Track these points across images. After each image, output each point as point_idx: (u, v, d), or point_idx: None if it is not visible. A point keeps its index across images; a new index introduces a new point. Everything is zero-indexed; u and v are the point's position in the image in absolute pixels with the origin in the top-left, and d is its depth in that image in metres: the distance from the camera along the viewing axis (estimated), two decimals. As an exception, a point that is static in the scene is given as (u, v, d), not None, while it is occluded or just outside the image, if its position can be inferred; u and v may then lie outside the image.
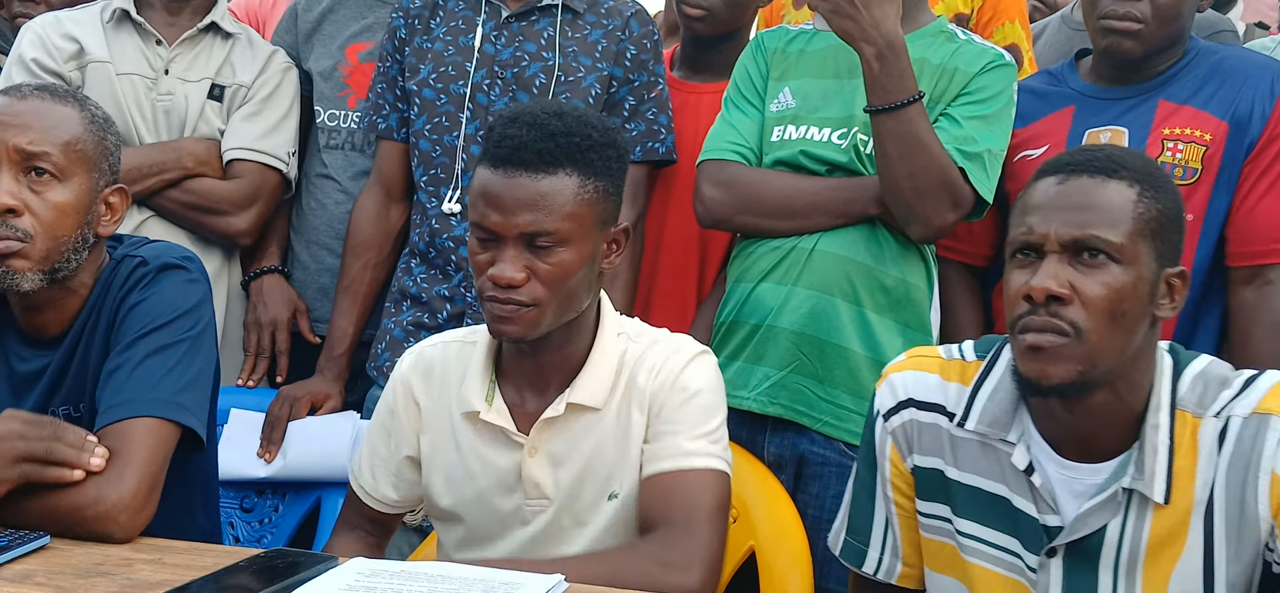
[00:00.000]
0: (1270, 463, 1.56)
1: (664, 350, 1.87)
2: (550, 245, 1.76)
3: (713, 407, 1.86)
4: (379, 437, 2.00)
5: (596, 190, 1.80)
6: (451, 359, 1.95)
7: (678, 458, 1.81)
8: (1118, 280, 1.58)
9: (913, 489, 1.83)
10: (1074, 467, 1.68)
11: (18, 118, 1.83)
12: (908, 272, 2.34)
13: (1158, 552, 1.63)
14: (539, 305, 1.78)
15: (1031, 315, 1.59)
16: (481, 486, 1.90)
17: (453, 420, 1.92)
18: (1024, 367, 1.61)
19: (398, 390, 1.97)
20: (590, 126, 1.81)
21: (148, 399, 1.80)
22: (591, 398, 1.84)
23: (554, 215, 1.76)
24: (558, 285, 1.78)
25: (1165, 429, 1.61)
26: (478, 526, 1.92)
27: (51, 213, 1.83)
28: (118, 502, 1.71)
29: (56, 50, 2.64)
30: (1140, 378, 1.64)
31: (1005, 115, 2.32)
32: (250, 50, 2.77)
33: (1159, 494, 1.60)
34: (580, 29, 2.57)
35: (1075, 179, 1.62)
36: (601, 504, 1.86)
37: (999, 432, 1.72)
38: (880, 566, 1.88)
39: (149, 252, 1.95)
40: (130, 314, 1.87)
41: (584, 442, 1.86)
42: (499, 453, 1.88)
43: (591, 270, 1.82)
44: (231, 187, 2.69)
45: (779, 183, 2.36)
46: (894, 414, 1.82)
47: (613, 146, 1.83)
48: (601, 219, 1.82)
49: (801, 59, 2.44)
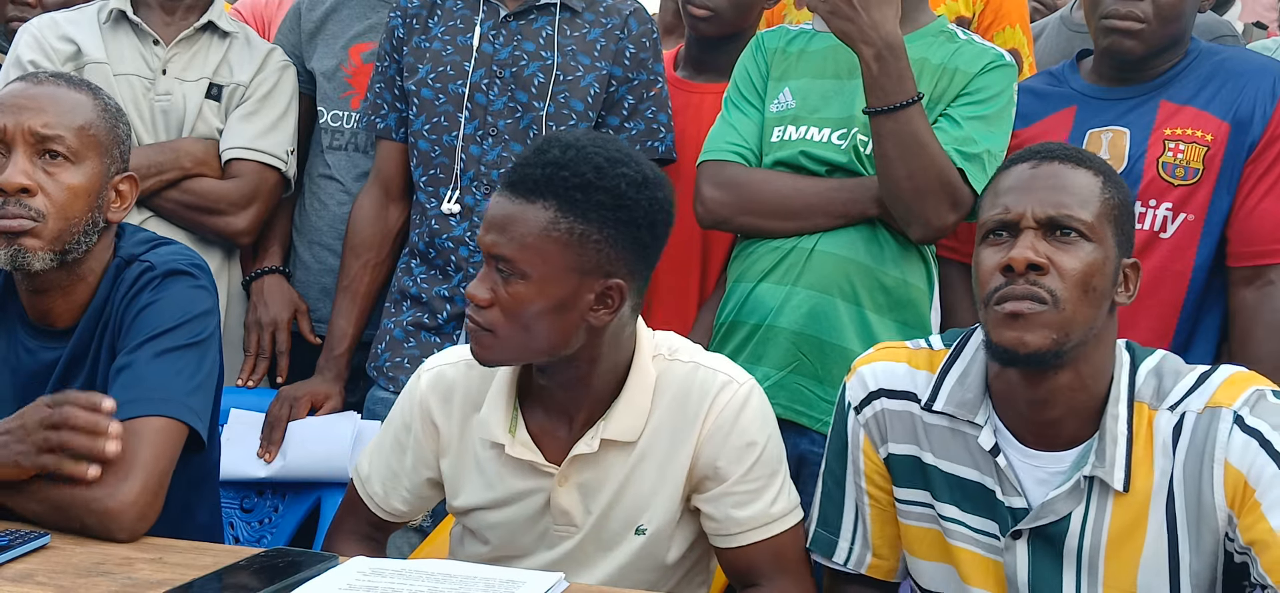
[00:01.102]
0: (1223, 454, 1.62)
1: (709, 385, 1.81)
2: (508, 274, 1.70)
3: (778, 454, 1.86)
4: (392, 452, 1.96)
5: (573, 233, 1.69)
6: (474, 383, 1.88)
7: (768, 526, 1.83)
8: (1090, 256, 1.67)
9: (888, 480, 1.87)
10: (1036, 455, 1.73)
11: (33, 101, 1.88)
12: (908, 272, 2.34)
13: (1119, 542, 1.68)
14: (493, 332, 1.71)
15: (1010, 286, 1.66)
16: (509, 512, 1.88)
17: (475, 446, 1.88)
18: (1000, 336, 1.66)
19: (415, 411, 1.92)
20: (593, 167, 1.71)
21: (155, 399, 1.82)
22: (626, 433, 1.80)
23: (514, 243, 1.69)
24: (513, 317, 1.70)
25: (1124, 420, 1.67)
26: (503, 547, 1.90)
27: (64, 194, 1.87)
28: (123, 502, 1.72)
29: (53, 52, 2.63)
30: (1100, 362, 1.70)
31: (1005, 116, 2.32)
32: (247, 49, 2.77)
33: (1119, 482, 1.66)
34: (579, 28, 2.57)
35: (1048, 164, 1.72)
36: (628, 536, 1.85)
37: (967, 414, 1.77)
38: (850, 556, 1.91)
39: (157, 256, 1.96)
40: (139, 317, 1.89)
41: (616, 473, 1.83)
42: (526, 481, 1.85)
43: (565, 317, 1.71)
44: (230, 186, 2.68)
45: (779, 183, 2.36)
46: (865, 405, 1.86)
47: (607, 191, 1.70)
48: (581, 266, 1.70)
49: (802, 59, 2.44)
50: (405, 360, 2.55)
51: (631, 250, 1.74)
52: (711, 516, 1.83)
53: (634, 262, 1.75)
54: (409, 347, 2.57)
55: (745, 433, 1.80)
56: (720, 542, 1.85)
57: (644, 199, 1.74)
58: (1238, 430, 1.61)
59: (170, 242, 2.05)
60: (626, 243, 1.73)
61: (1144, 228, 2.29)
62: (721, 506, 1.82)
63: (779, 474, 1.85)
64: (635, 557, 1.85)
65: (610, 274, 1.72)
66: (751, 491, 1.81)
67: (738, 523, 1.82)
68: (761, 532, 1.83)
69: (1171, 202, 2.28)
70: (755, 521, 1.82)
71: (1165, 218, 2.29)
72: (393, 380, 2.55)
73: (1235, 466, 1.60)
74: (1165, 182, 2.28)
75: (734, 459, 1.80)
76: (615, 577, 1.85)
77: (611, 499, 1.83)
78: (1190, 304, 2.30)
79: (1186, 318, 2.30)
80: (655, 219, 1.76)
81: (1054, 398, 1.69)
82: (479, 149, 2.54)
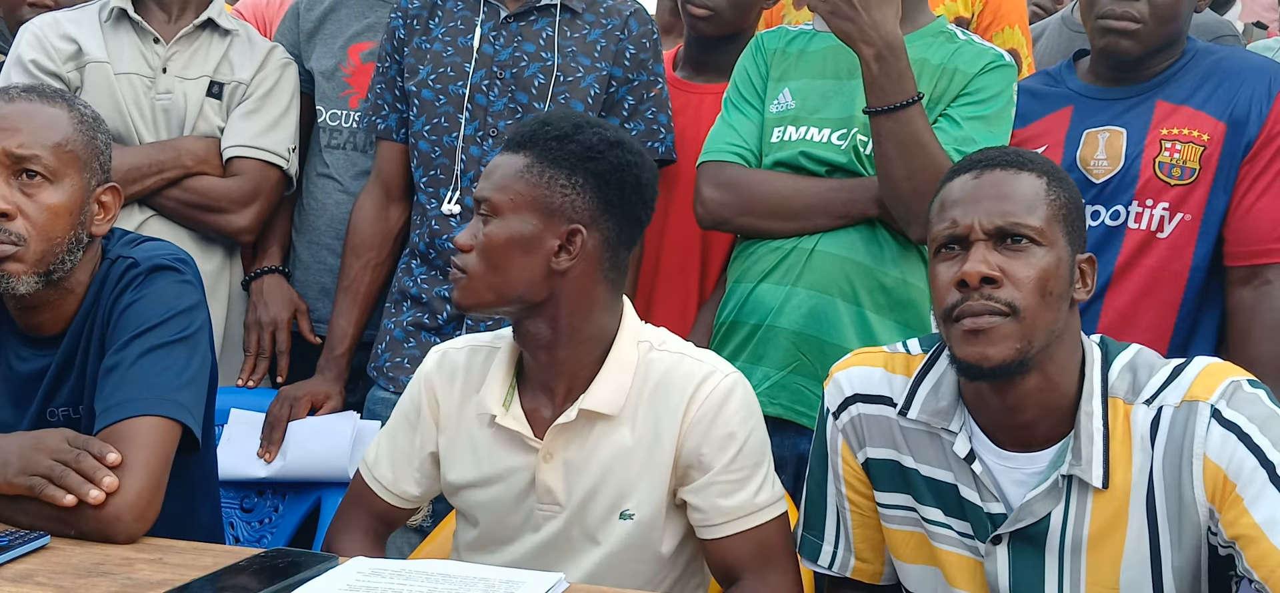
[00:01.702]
0: (1201, 448, 1.61)
1: (693, 375, 1.86)
2: (487, 216, 1.83)
3: (762, 446, 1.89)
4: (401, 432, 2.00)
5: (542, 175, 1.81)
6: (476, 365, 1.96)
7: (752, 516, 1.85)
8: (1042, 261, 1.66)
9: (867, 484, 1.87)
10: (1013, 457, 1.73)
11: (6, 121, 1.83)
12: (907, 272, 2.34)
13: (1100, 538, 1.68)
14: (468, 273, 1.83)
15: (967, 302, 1.65)
16: (496, 490, 1.91)
17: (470, 424, 1.93)
18: (963, 352, 1.66)
19: (422, 388, 1.98)
20: (573, 125, 1.85)
21: (145, 398, 1.80)
22: (605, 405, 1.85)
23: (493, 186, 1.83)
24: (486, 256, 1.81)
25: (1099, 416, 1.67)
26: (491, 529, 1.94)
27: (44, 215, 1.82)
28: (122, 503, 1.70)
29: (55, 51, 2.64)
30: (1066, 362, 1.70)
31: (1005, 116, 2.32)
32: (248, 47, 2.77)
33: (1097, 479, 1.65)
34: (579, 29, 2.57)
35: (990, 172, 1.71)
36: (613, 522, 1.87)
37: (941, 422, 1.77)
38: (834, 560, 1.92)
39: (141, 252, 1.94)
40: (124, 315, 1.87)
41: (600, 451, 1.87)
42: (514, 457, 1.89)
43: (531, 257, 1.81)
44: (232, 184, 2.69)
45: (779, 184, 2.36)
46: (842, 411, 1.87)
47: (580, 143, 1.83)
48: (547, 207, 1.81)
49: (801, 60, 2.45)
50: (405, 361, 2.56)
51: (596, 202, 1.83)
52: (697, 507, 1.86)
53: (598, 214, 1.84)
54: (409, 347, 2.57)
55: (728, 423, 1.84)
56: (707, 533, 1.87)
57: (613, 156, 1.84)
58: (1216, 425, 1.61)
59: (155, 239, 2.04)
60: (592, 193, 1.83)
61: (1141, 228, 2.30)
62: (707, 495, 1.85)
63: (763, 467, 1.88)
64: (625, 545, 1.87)
65: (573, 219, 1.82)
66: (735, 481, 1.84)
67: (722, 512, 1.85)
68: (746, 522, 1.85)
69: (1168, 201, 2.28)
70: (740, 510, 1.85)
71: (1162, 217, 2.29)
72: (393, 381, 2.56)
73: (1214, 460, 1.60)
74: (1162, 181, 2.28)
75: (717, 449, 1.83)
76: (606, 565, 1.87)
77: (595, 481, 1.86)
78: (1188, 304, 2.31)
79: (1184, 318, 2.30)
80: (624, 179, 1.85)
81: (1024, 402, 1.69)
82: (479, 150, 2.54)
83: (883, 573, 1.93)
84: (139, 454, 1.75)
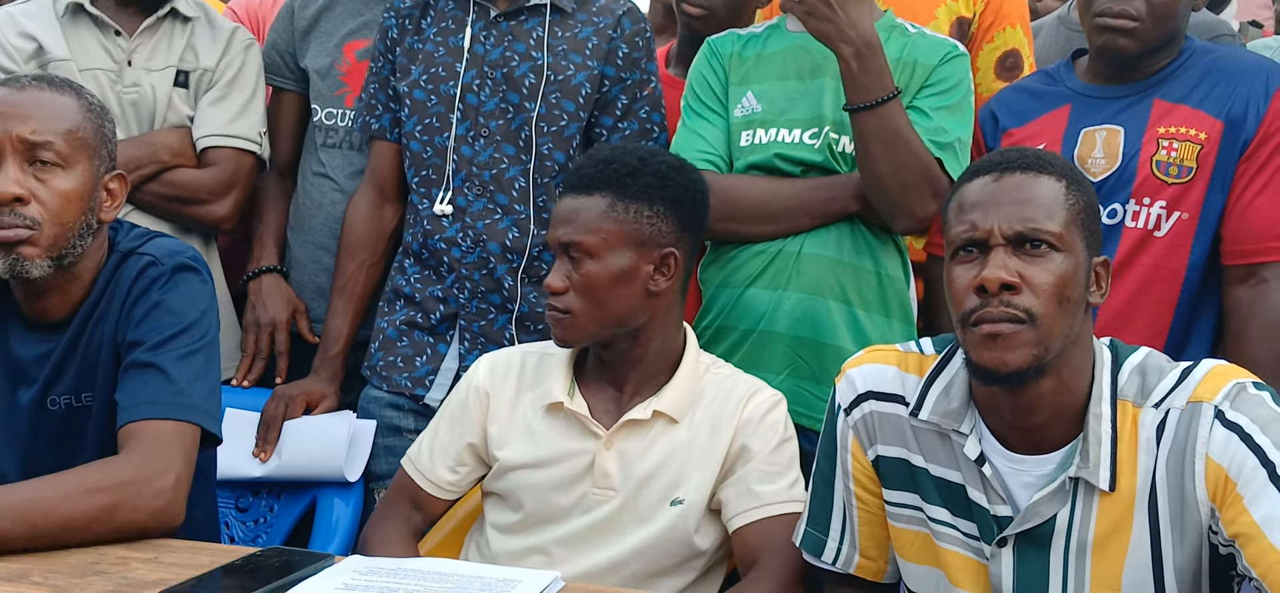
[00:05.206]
0: (1203, 448, 1.61)
1: (748, 387, 2.07)
2: (578, 257, 1.99)
3: (797, 453, 2.07)
4: (445, 425, 2.16)
5: (628, 211, 1.99)
6: (530, 365, 2.14)
7: (784, 505, 1.99)
8: (1061, 267, 1.66)
9: (876, 482, 1.87)
10: (1022, 459, 1.73)
11: (19, 108, 1.88)
12: (888, 264, 2.37)
13: (1106, 540, 1.68)
14: (571, 313, 1.99)
15: (985, 307, 1.65)
16: (551, 472, 2.05)
17: (526, 412, 2.09)
18: (980, 357, 1.66)
19: (470, 386, 2.15)
20: (636, 158, 2.04)
21: (184, 405, 1.86)
22: (674, 409, 2.03)
23: (580, 229, 1.99)
24: (587, 295, 1.99)
25: (1107, 419, 1.67)
26: (536, 510, 2.06)
27: (57, 200, 1.88)
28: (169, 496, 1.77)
29: (15, 51, 2.59)
30: (1080, 364, 1.70)
31: (967, 103, 2.36)
32: (210, 31, 2.73)
33: (1104, 482, 1.66)
34: (570, 28, 2.57)
35: (1010, 175, 1.70)
36: (664, 508, 2.01)
37: (951, 423, 1.77)
38: (838, 556, 1.92)
39: (158, 250, 1.99)
40: (152, 314, 1.92)
41: (658, 446, 2.03)
42: (573, 441, 2.05)
43: (631, 287, 2.00)
44: (208, 175, 2.68)
45: (758, 187, 2.36)
46: (855, 407, 1.87)
47: (651, 174, 2.01)
48: (639, 239, 2.00)
49: (760, 62, 2.45)
50: (398, 360, 2.55)
51: (678, 221, 2.04)
52: (734, 495, 2.00)
53: (681, 231, 2.05)
54: (402, 346, 2.57)
55: (775, 424, 2.04)
56: (740, 520, 1.99)
57: (682, 178, 2.07)
58: (1218, 425, 1.61)
59: (161, 234, 2.07)
60: (673, 216, 2.03)
61: (1138, 226, 2.30)
62: (746, 482, 2.00)
63: (796, 469, 2.05)
64: (670, 528, 2.00)
65: (663, 244, 2.02)
66: (774, 471, 2.01)
67: (758, 497, 1.99)
68: (778, 508, 1.98)
69: (1165, 200, 2.29)
70: (775, 496, 1.99)
71: (1159, 216, 2.29)
72: (386, 379, 2.56)
73: (1216, 460, 1.60)
74: (1159, 180, 2.29)
75: (764, 440, 2.02)
76: (644, 547, 2.00)
77: (652, 469, 2.02)
78: (1185, 303, 2.31)
79: (1181, 317, 2.31)
80: (694, 195, 2.08)
81: (1037, 405, 1.69)
82: (470, 150, 2.53)
83: (886, 571, 1.93)
84: (176, 454, 1.81)
